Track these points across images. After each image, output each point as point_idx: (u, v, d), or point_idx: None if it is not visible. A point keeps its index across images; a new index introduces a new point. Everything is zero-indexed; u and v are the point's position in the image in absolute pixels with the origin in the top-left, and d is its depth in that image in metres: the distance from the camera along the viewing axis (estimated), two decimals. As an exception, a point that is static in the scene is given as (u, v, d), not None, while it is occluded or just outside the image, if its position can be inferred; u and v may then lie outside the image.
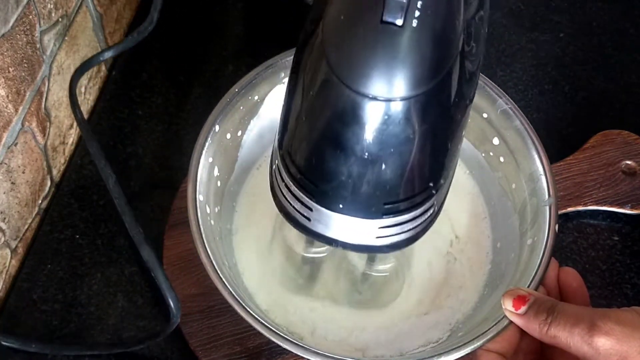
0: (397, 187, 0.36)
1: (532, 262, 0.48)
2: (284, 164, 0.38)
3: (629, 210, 0.60)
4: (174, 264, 0.57)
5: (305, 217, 0.39)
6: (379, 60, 0.32)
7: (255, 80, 0.53)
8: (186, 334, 0.55)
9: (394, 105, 0.33)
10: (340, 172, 0.35)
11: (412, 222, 0.39)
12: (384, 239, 0.39)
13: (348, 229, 0.38)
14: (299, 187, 0.38)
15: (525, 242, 0.51)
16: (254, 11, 0.75)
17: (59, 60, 0.60)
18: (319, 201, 0.37)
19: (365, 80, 0.32)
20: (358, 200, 0.36)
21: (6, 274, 0.57)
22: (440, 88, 0.34)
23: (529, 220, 0.52)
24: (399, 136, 0.34)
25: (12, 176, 0.55)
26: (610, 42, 0.73)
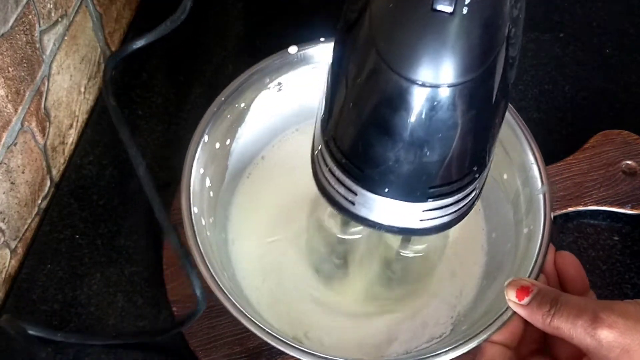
0: (443, 171, 0.37)
1: (530, 251, 0.48)
2: (328, 149, 0.39)
3: (629, 210, 0.60)
4: (174, 264, 0.57)
5: (349, 201, 0.39)
6: (429, 47, 0.33)
7: (241, 87, 0.53)
8: (186, 334, 0.54)
9: (442, 92, 0.34)
10: (387, 157, 0.36)
11: (455, 205, 0.40)
12: (427, 222, 0.40)
13: (392, 212, 0.39)
14: (343, 171, 0.38)
15: (521, 231, 0.51)
16: (254, 11, 0.75)
17: (58, 60, 0.60)
18: (364, 185, 0.38)
19: (415, 67, 0.33)
20: (403, 184, 0.37)
21: (6, 274, 0.57)
22: (488, 75, 0.35)
23: (523, 210, 0.52)
24: (446, 122, 0.35)
25: (11, 176, 0.55)
26: (610, 42, 0.73)
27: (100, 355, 0.55)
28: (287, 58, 0.54)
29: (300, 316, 0.53)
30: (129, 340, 0.55)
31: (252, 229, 0.56)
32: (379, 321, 0.53)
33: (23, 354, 0.54)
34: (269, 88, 0.55)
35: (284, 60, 0.54)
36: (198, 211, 0.50)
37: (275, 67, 0.54)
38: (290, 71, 0.54)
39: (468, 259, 0.55)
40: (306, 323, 0.53)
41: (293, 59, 0.54)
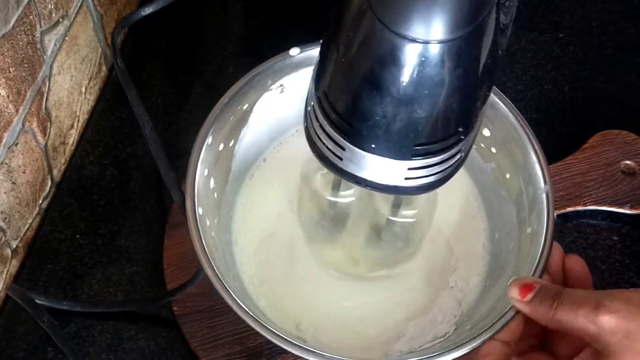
0: (429, 129, 0.38)
1: (533, 250, 0.49)
2: (319, 104, 0.40)
3: (629, 210, 0.60)
4: (174, 264, 0.57)
5: (337, 157, 0.40)
6: (419, 2, 0.34)
7: (243, 89, 0.54)
8: (186, 334, 0.55)
9: (431, 48, 0.34)
10: (375, 112, 0.37)
11: (439, 165, 0.40)
12: (412, 180, 0.41)
13: (378, 169, 0.40)
14: (333, 126, 0.39)
15: (524, 231, 0.51)
16: (254, 11, 0.75)
17: (59, 61, 0.60)
18: (352, 141, 0.39)
19: (406, 22, 0.34)
20: (390, 140, 0.38)
21: (7, 274, 0.57)
22: (477, 34, 0.35)
23: (526, 209, 0.52)
24: (434, 78, 0.35)
25: (12, 176, 0.55)
26: (610, 42, 0.73)
27: (100, 355, 0.55)
28: (290, 60, 0.54)
29: (304, 314, 0.54)
30: (131, 309, 0.56)
31: (255, 229, 0.57)
32: (388, 318, 0.54)
33: (29, 335, 0.55)
34: (271, 90, 0.55)
35: (286, 62, 0.54)
36: (203, 212, 0.50)
37: (278, 69, 0.54)
38: (293, 73, 0.55)
39: (471, 258, 0.55)
40: (311, 322, 0.53)
41: (295, 61, 0.54)
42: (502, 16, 0.37)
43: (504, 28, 0.38)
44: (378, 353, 0.52)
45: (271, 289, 0.54)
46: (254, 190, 0.58)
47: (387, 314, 0.54)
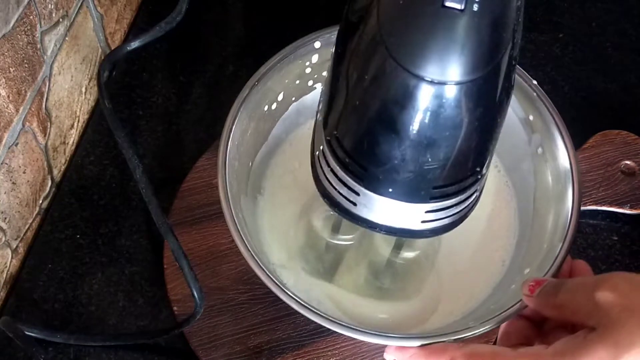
0: (447, 171, 0.37)
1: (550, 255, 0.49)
2: (330, 148, 0.38)
3: (628, 210, 0.60)
4: (174, 264, 0.57)
5: (351, 202, 0.39)
6: (438, 43, 0.33)
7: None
8: (186, 334, 0.55)
9: (449, 89, 0.33)
10: (392, 156, 0.36)
11: (457, 206, 0.39)
12: (429, 223, 0.40)
13: (394, 213, 0.39)
14: (346, 171, 0.38)
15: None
16: (254, 11, 0.75)
17: (59, 61, 0.60)
18: (367, 185, 0.38)
19: (424, 63, 0.33)
20: (407, 184, 0.37)
21: (7, 274, 0.57)
22: (494, 74, 0.35)
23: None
24: (452, 120, 0.34)
25: (12, 176, 0.55)
26: (610, 42, 0.73)
27: (101, 354, 0.55)
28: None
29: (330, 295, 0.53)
30: (128, 342, 0.55)
31: (284, 204, 0.56)
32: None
33: (22, 355, 0.55)
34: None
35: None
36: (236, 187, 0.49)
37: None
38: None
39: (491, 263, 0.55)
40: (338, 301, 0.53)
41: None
42: (514, 51, 0.36)
43: (515, 61, 0.37)
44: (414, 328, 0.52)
45: (291, 266, 0.54)
46: (288, 159, 0.57)
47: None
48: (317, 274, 0.54)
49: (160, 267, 0.58)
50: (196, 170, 0.62)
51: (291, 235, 0.55)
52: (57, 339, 0.54)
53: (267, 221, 0.55)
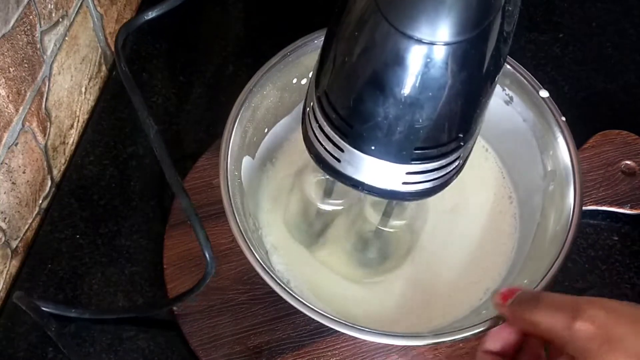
0: (429, 133, 0.38)
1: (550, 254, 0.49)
2: (319, 104, 0.39)
3: (629, 210, 0.60)
4: (174, 264, 0.57)
5: (336, 159, 0.40)
6: (428, 4, 0.34)
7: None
8: (186, 334, 0.55)
9: (437, 49, 0.34)
10: (376, 113, 0.37)
11: (438, 171, 0.40)
12: (410, 185, 0.40)
13: (376, 172, 0.39)
14: (332, 127, 0.39)
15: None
16: (254, 11, 0.75)
17: (59, 61, 0.60)
18: (351, 142, 0.39)
19: (413, 23, 0.34)
20: (390, 143, 0.38)
21: (7, 274, 0.57)
22: (482, 38, 0.36)
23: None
24: (438, 81, 0.35)
25: (12, 176, 0.55)
26: (610, 42, 0.73)
27: (101, 354, 0.55)
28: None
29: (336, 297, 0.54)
30: (138, 314, 0.56)
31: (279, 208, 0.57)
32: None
33: (22, 355, 0.55)
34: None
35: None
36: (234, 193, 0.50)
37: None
38: None
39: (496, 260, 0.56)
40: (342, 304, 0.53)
41: None
42: (505, 24, 0.37)
43: (507, 37, 0.38)
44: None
45: (297, 274, 0.54)
46: (281, 174, 0.58)
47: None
48: (307, 240, 0.54)
49: (160, 267, 0.58)
50: (196, 170, 0.62)
51: (286, 201, 0.56)
52: (72, 313, 0.55)
53: (271, 188, 0.57)
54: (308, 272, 0.54)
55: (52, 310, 0.54)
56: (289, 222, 0.55)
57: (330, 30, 0.39)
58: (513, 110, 0.55)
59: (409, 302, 0.54)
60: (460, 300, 0.53)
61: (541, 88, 0.54)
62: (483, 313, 0.49)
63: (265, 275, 0.46)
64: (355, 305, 0.53)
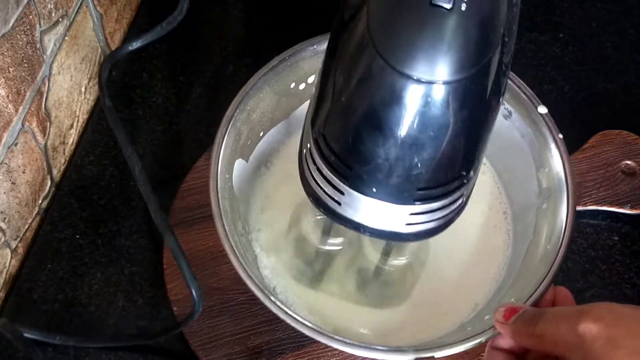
0: (432, 173, 0.37)
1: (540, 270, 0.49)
2: (317, 146, 0.38)
3: (629, 210, 0.60)
4: (174, 264, 0.57)
5: (336, 202, 0.39)
6: (426, 42, 0.33)
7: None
8: (186, 334, 0.55)
9: (436, 88, 0.33)
10: (377, 154, 0.35)
11: (441, 210, 0.39)
12: (413, 226, 0.39)
13: (378, 214, 0.38)
14: (332, 170, 0.38)
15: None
16: (254, 11, 0.75)
17: (59, 61, 0.60)
18: (352, 185, 0.37)
19: (411, 61, 0.33)
20: (392, 184, 0.37)
21: (6, 274, 0.57)
22: (482, 75, 0.35)
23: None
24: (438, 120, 0.34)
25: (12, 176, 0.55)
26: (610, 42, 0.73)
27: (101, 354, 0.55)
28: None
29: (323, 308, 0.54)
30: (127, 343, 0.55)
31: (273, 224, 0.57)
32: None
33: (22, 355, 0.55)
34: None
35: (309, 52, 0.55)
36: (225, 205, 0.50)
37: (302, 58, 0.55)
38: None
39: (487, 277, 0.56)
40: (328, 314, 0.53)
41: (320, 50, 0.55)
42: (503, 57, 0.36)
43: (505, 69, 0.37)
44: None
45: (289, 288, 0.54)
46: (275, 178, 0.58)
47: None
48: (306, 280, 0.54)
49: (160, 267, 0.58)
50: (196, 170, 0.62)
51: (284, 243, 0.55)
52: (57, 340, 0.54)
53: (265, 192, 0.57)
54: (293, 279, 0.54)
55: (37, 337, 0.53)
56: (287, 263, 0.55)
57: (325, 68, 0.38)
58: (511, 125, 0.55)
59: (397, 315, 0.54)
60: (449, 315, 0.53)
61: (540, 104, 0.54)
62: (468, 330, 0.49)
63: (247, 279, 0.46)
64: (342, 315, 0.53)
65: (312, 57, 0.54)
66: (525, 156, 0.55)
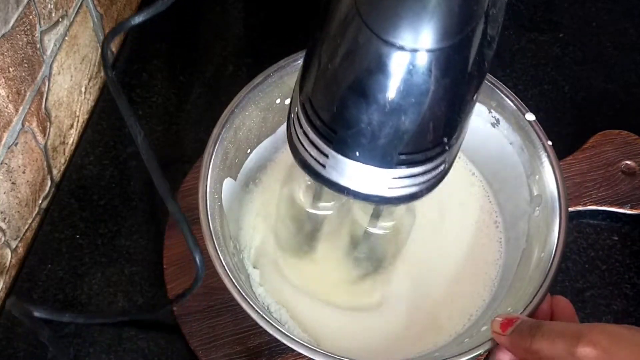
0: (413, 138, 0.38)
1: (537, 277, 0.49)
2: (303, 110, 0.39)
3: (629, 210, 0.60)
4: (174, 264, 0.57)
5: (321, 165, 0.40)
6: (409, 10, 0.34)
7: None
8: (186, 334, 0.55)
9: (419, 56, 0.34)
10: (360, 120, 0.37)
11: (423, 175, 0.40)
12: (395, 190, 0.40)
13: (362, 177, 0.39)
14: (317, 133, 0.39)
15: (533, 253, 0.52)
16: (254, 11, 0.75)
17: (59, 61, 0.60)
18: (335, 148, 0.39)
19: (394, 29, 0.34)
20: (374, 148, 0.38)
21: (6, 274, 0.57)
22: (465, 44, 0.35)
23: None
24: (420, 87, 0.35)
25: (12, 176, 0.55)
26: (610, 42, 0.73)
27: (101, 355, 0.55)
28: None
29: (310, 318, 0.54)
30: (127, 318, 0.56)
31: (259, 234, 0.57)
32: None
33: (29, 335, 0.55)
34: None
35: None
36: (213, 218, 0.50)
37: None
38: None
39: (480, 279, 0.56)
40: (316, 325, 0.53)
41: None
42: (489, 28, 0.37)
43: (491, 41, 0.38)
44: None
45: (280, 299, 0.54)
46: (264, 195, 0.58)
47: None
48: (297, 245, 0.54)
49: (160, 267, 0.58)
50: (196, 170, 0.62)
51: (276, 209, 0.56)
52: (65, 318, 0.54)
53: (254, 208, 0.57)
54: (289, 295, 0.54)
55: (46, 316, 0.54)
56: (278, 228, 0.55)
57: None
58: (499, 133, 0.55)
59: (392, 327, 0.54)
60: (443, 327, 0.53)
61: (527, 111, 0.54)
62: (465, 341, 0.49)
63: (247, 307, 0.46)
64: (335, 331, 0.53)
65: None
66: (514, 164, 0.55)
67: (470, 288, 0.55)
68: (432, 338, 0.53)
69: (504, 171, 0.56)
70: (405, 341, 0.53)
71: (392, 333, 0.53)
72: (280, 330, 0.46)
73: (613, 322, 0.57)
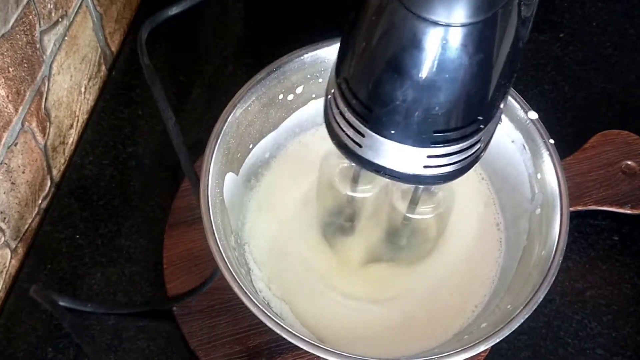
0: (448, 116, 0.38)
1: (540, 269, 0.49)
2: (340, 91, 0.40)
3: (629, 210, 0.60)
4: (174, 264, 0.57)
5: (357, 144, 0.41)
6: None
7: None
8: (186, 334, 0.55)
9: (453, 31, 0.35)
10: (395, 97, 0.37)
11: (458, 154, 0.40)
12: (431, 169, 0.41)
13: (397, 156, 0.40)
14: (353, 113, 0.40)
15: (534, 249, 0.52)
16: (254, 11, 0.75)
17: (59, 61, 0.60)
18: (371, 127, 0.39)
19: (428, 5, 0.34)
20: (409, 126, 0.38)
21: (6, 274, 0.57)
22: (498, 19, 0.36)
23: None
24: (453, 63, 0.35)
25: (12, 176, 0.55)
26: (610, 42, 0.73)
27: (101, 355, 0.55)
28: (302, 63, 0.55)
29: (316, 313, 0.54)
30: (147, 308, 0.56)
31: (268, 231, 0.57)
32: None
33: (22, 355, 0.55)
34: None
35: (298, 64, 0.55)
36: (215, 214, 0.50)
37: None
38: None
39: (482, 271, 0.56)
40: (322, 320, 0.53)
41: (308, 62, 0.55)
42: (523, 8, 0.37)
43: (525, 20, 0.38)
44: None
45: (285, 295, 0.54)
46: (267, 190, 0.58)
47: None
48: (335, 229, 0.55)
49: (160, 267, 0.58)
50: (196, 169, 0.62)
51: (316, 192, 0.56)
52: (88, 308, 0.56)
53: (256, 203, 0.57)
54: (292, 290, 0.54)
55: (68, 305, 0.55)
56: (318, 212, 0.56)
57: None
58: (502, 130, 0.55)
59: (391, 323, 0.54)
60: (443, 323, 0.53)
61: (530, 109, 0.54)
62: (465, 338, 0.49)
63: (245, 299, 0.47)
64: (333, 322, 0.53)
65: (299, 69, 0.55)
66: (516, 162, 0.55)
67: (470, 285, 0.55)
68: (432, 334, 0.53)
69: (506, 169, 0.56)
70: (405, 337, 0.53)
71: (392, 329, 0.53)
72: (281, 325, 0.46)
73: (613, 322, 0.57)
